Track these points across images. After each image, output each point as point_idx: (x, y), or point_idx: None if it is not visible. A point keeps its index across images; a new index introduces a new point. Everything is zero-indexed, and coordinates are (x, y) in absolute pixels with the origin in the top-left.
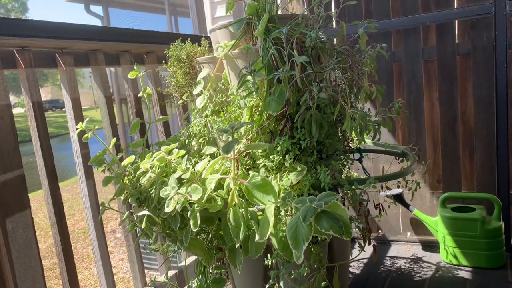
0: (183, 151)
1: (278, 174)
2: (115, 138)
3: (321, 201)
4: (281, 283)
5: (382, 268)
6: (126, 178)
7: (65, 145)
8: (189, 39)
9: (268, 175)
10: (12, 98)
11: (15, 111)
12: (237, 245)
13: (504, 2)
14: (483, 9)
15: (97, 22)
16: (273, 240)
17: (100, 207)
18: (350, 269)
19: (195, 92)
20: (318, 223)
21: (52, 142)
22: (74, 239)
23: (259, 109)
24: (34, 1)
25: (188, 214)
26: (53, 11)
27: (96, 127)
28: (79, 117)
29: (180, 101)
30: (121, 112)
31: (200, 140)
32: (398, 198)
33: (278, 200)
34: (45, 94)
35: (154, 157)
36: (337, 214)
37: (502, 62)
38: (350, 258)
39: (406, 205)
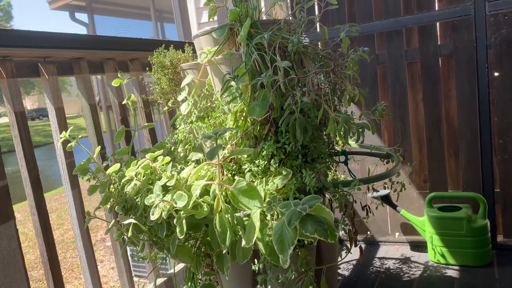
0: (168, 158)
1: (264, 178)
2: (99, 146)
3: (306, 204)
4: (269, 287)
5: (371, 269)
6: (111, 186)
7: (53, 154)
8: (172, 45)
9: (254, 180)
10: None
11: (2, 120)
12: (224, 251)
13: (483, 3)
14: (463, 11)
15: (82, 30)
16: (260, 245)
17: (86, 216)
18: (339, 271)
19: (179, 98)
20: (303, 227)
21: (40, 151)
22: (64, 249)
23: (244, 114)
24: (19, 10)
25: (175, 221)
26: (38, 19)
27: (80, 136)
28: (63, 126)
29: (166, 108)
30: (108, 120)
31: (186, 147)
32: (385, 199)
33: (264, 205)
34: (32, 102)
35: (139, 165)
36: (322, 217)
37: (483, 62)
38: (339, 260)
39: (394, 206)
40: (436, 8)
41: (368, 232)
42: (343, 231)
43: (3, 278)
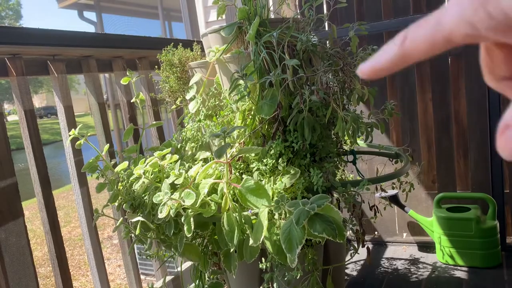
0: (176, 156)
1: (272, 177)
2: (108, 144)
3: (314, 204)
4: (275, 286)
5: (378, 270)
6: (120, 184)
7: (61, 152)
8: (181, 44)
9: (262, 179)
10: (7, 106)
11: (11, 118)
12: (231, 250)
13: None
14: None
15: (90, 28)
16: (267, 244)
17: (94, 214)
18: (347, 271)
19: (188, 97)
20: (311, 226)
21: (48, 149)
22: (71, 246)
23: (252, 113)
24: (28, 9)
25: (182, 220)
26: (47, 18)
27: (89, 134)
28: (71, 124)
29: (174, 106)
30: (116, 118)
31: (193, 145)
32: (393, 199)
33: (272, 204)
34: (40, 100)
35: (147, 163)
36: (330, 216)
37: None
38: (346, 260)
39: (402, 206)
40: None
41: (376, 233)
42: (350, 231)
43: (12, 274)
